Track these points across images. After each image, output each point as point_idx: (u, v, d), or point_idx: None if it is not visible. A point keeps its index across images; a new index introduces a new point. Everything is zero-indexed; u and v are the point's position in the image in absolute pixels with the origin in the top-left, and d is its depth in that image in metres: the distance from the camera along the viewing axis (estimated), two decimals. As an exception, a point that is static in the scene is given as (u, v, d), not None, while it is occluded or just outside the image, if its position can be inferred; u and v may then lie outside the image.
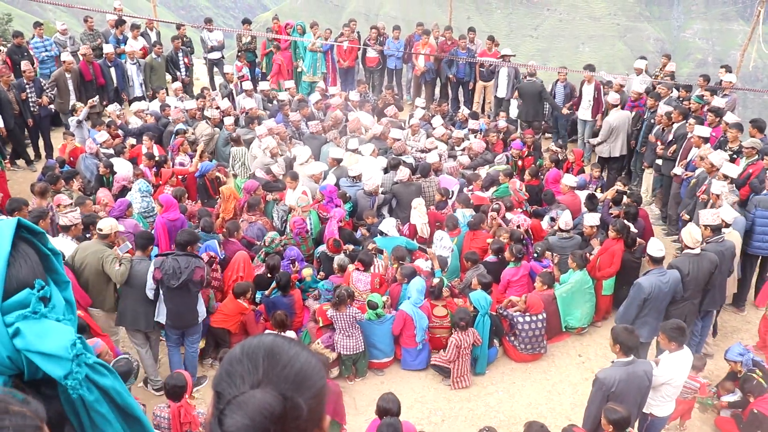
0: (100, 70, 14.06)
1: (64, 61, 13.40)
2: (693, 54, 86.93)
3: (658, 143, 11.57)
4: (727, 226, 8.51)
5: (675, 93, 12.55)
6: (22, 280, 1.73)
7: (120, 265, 7.46)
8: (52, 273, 1.90)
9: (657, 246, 7.84)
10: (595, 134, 13.42)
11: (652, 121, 12.10)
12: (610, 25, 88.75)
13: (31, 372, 1.69)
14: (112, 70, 14.31)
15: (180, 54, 15.62)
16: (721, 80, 12.48)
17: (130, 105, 14.30)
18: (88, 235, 7.99)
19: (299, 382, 1.46)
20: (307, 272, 9.19)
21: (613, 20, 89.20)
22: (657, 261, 7.77)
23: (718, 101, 11.59)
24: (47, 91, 12.85)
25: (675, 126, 11.37)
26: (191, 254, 7.50)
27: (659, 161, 11.64)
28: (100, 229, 7.66)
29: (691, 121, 11.04)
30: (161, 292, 7.46)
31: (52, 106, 13.24)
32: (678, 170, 10.94)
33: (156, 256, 7.66)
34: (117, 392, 1.84)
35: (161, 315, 7.60)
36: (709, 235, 8.14)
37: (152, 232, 8.89)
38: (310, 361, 1.52)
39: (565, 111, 14.16)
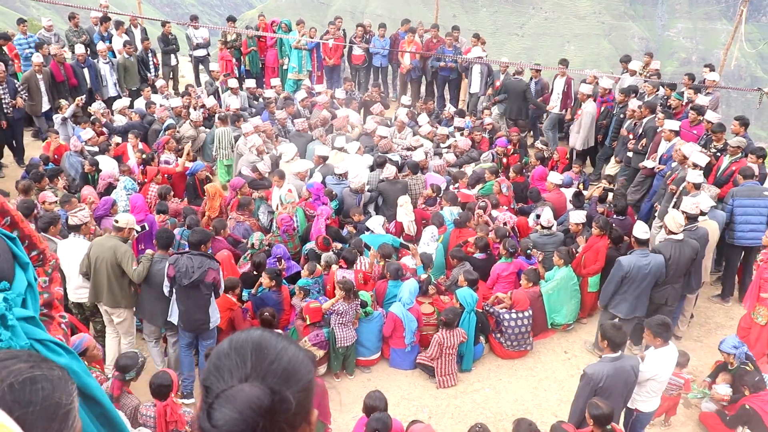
0: (72, 70, 13.76)
1: (34, 63, 12.94)
2: (677, 53, 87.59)
3: (630, 136, 11.83)
4: (703, 214, 8.76)
5: (661, 91, 12.63)
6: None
7: (138, 263, 7.43)
8: (15, 257, 1.97)
9: (642, 228, 8.19)
10: (557, 123, 14.27)
11: (622, 116, 12.36)
12: (595, 23, 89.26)
13: None
14: (86, 71, 13.99)
15: (149, 54, 15.46)
16: (705, 79, 12.58)
17: (98, 101, 14.08)
18: (72, 234, 7.88)
19: (287, 376, 1.47)
20: (320, 269, 9.07)
21: (598, 19, 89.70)
22: (642, 243, 8.13)
23: (701, 99, 11.71)
24: (21, 92, 12.54)
25: (644, 120, 11.66)
26: (206, 255, 7.42)
27: (630, 154, 11.91)
28: (116, 221, 7.63)
29: (660, 115, 11.30)
30: (174, 290, 7.40)
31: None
32: (648, 163, 11.18)
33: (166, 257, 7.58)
34: (73, 371, 1.87)
35: (174, 315, 7.53)
36: (686, 223, 8.42)
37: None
38: (297, 355, 1.53)
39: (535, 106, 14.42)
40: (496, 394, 8.28)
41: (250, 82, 15.31)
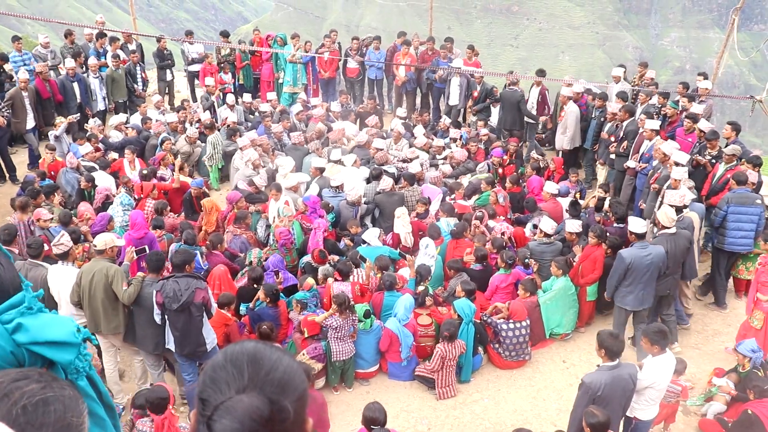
0: (57, 87, 13.64)
1: (20, 80, 12.77)
2: (671, 61, 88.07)
3: (612, 139, 12.10)
4: (686, 207, 9.13)
5: (655, 100, 12.70)
6: (7, 284, 1.83)
7: (128, 285, 7.28)
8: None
9: (639, 224, 8.51)
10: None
11: (602, 119, 12.65)
12: (589, 33, 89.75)
13: (30, 364, 1.77)
14: (75, 85, 13.91)
15: (138, 68, 15.37)
16: (698, 87, 12.66)
17: (93, 119, 14.07)
18: (60, 262, 7.74)
19: (283, 386, 1.49)
20: (311, 282, 9.08)
21: (592, 29, 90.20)
22: (640, 236, 8.45)
23: (695, 108, 11.84)
24: (3, 110, 12.39)
25: (624, 123, 11.95)
26: (191, 275, 7.28)
27: (612, 156, 12.19)
28: (95, 245, 7.50)
29: (642, 116, 11.59)
30: (166, 317, 7.27)
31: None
32: (631, 163, 11.44)
33: (158, 279, 7.42)
34: (98, 379, 1.93)
35: (170, 342, 7.40)
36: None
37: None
38: (291, 365, 1.55)
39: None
40: (496, 405, 8.26)
41: (247, 97, 15.35)
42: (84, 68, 14.41)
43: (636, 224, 8.52)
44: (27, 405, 1.36)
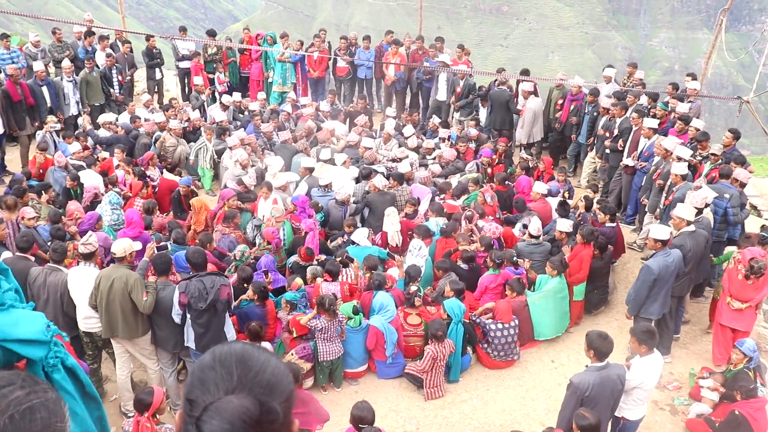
0: (29, 90, 13.03)
1: None
2: (660, 62, 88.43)
3: (607, 134, 12.29)
4: (707, 206, 9.15)
5: (644, 100, 12.77)
6: None
7: (147, 294, 7.20)
8: None
9: (663, 230, 8.22)
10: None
11: (595, 114, 12.90)
12: (578, 34, 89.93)
13: (7, 359, 1.76)
14: (44, 89, 13.37)
15: (114, 71, 14.93)
16: (687, 87, 12.75)
17: (80, 117, 13.95)
18: (83, 263, 7.56)
19: (272, 387, 1.50)
20: (299, 282, 9.06)
21: (581, 29, 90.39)
22: (664, 243, 8.19)
23: (682, 107, 11.94)
24: None
25: (619, 120, 12.14)
26: (214, 273, 7.35)
27: (608, 151, 12.35)
28: (114, 254, 7.40)
29: (634, 114, 11.70)
30: (188, 316, 7.26)
31: None
32: (629, 161, 11.57)
33: (181, 280, 7.43)
34: (80, 369, 1.93)
35: (190, 340, 7.38)
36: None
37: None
38: (279, 366, 1.56)
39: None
40: (484, 405, 8.27)
41: (236, 96, 15.30)
42: (73, 67, 14.25)
43: (659, 231, 8.21)
44: (14, 414, 1.35)
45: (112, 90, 14.90)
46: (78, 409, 1.97)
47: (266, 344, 7.94)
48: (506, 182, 11.88)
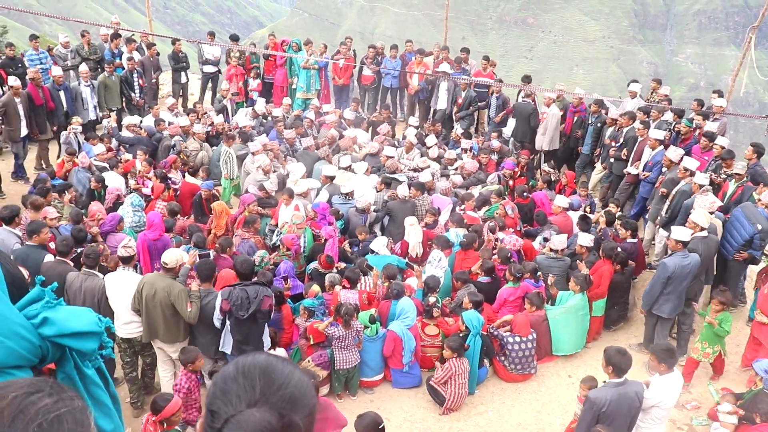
0: (49, 94, 12.97)
1: (11, 86, 12.17)
2: (685, 78, 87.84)
3: (613, 144, 12.44)
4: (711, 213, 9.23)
5: (668, 116, 12.65)
6: (16, 277, 1.89)
7: (191, 304, 7.28)
8: None
9: (684, 232, 8.45)
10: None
11: (599, 125, 13.02)
12: (603, 48, 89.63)
13: (52, 357, 1.79)
14: (62, 93, 13.38)
15: (135, 75, 14.91)
16: (712, 105, 12.63)
17: (105, 119, 13.99)
18: (122, 267, 7.63)
19: (294, 401, 1.48)
20: (316, 290, 9.09)
21: (607, 43, 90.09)
22: (685, 244, 8.41)
23: (709, 126, 11.83)
24: None
25: (625, 130, 12.29)
26: (259, 283, 7.40)
27: (611, 160, 12.49)
28: (165, 263, 7.42)
29: (638, 125, 11.88)
30: (228, 322, 7.32)
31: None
32: (632, 169, 11.79)
33: (224, 286, 7.47)
34: (104, 368, 1.97)
35: (227, 345, 7.44)
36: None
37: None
38: (302, 380, 1.54)
39: (497, 119, 14.94)
40: (500, 418, 8.21)
41: (260, 101, 15.36)
42: (99, 68, 14.36)
43: (680, 233, 8.44)
44: (43, 423, 1.35)
45: (132, 94, 14.91)
46: (106, 401, 1.99)
47: (281, 350, 7.96)
48: (525, 194, 11.82)
